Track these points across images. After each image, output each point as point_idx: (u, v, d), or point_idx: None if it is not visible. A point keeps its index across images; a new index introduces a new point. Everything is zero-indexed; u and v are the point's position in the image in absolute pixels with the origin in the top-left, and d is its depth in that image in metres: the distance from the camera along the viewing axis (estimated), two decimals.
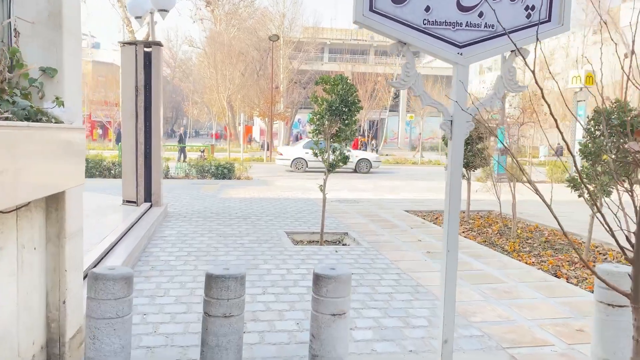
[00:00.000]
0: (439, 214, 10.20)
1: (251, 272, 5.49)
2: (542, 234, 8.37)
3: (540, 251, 7.10)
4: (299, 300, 4.63)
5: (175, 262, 5.78)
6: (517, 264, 6.34)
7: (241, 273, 2.65)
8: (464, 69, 3.03)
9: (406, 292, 5.00)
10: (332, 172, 7.10)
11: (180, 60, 68.02)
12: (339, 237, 7.84)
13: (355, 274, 5.58)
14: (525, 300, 4.89)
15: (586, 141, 6.46)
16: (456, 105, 3.01)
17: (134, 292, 4.53)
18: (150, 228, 7.09)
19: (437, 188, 15.43)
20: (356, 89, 7.00)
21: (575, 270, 6.14)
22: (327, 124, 6.93)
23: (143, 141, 8.64)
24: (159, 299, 4.52)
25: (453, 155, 3.06)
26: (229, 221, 8.50)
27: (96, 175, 15.80)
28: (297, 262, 6.02)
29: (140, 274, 5.26)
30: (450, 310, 3.15)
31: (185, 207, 9.87)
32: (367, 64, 46.70)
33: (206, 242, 6.88)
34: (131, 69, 8.51)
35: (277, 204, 10.84)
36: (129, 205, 8.60)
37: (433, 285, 5.25)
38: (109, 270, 2.47)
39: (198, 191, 12.74)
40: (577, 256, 6.82)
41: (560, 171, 18.57)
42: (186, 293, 4.71)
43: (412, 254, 6.64)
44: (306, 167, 20.78)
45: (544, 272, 5.96)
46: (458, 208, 3.11)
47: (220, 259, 6.01)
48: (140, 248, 6.17)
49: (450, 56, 3.01)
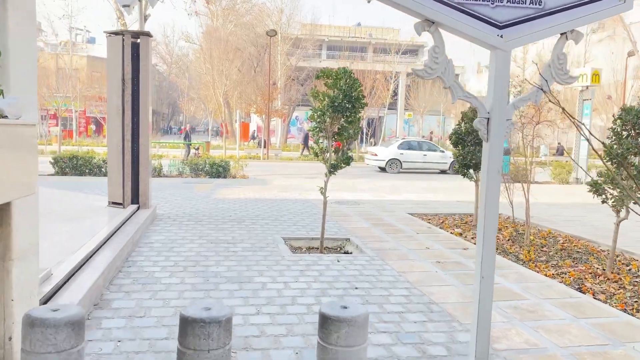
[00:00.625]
0: (444, 217, 9.65)
1: (244, 286, 4.93)
2: (557, 241, 7.83)
3: (558, 261, 6.55)
4: (298, 323, 4.06)
5: (160, 274, 5.21)
6: (536, 276, 5.79)
7: (226, 315, 2.05)
8: (504, 55, 2.47)
9: (418, 312, 4.44)
10: (333, 174, 6.53)
11: (177, 56, 67.32)
12: (340, 243, 7.28)
13: (361, 288, 5.03)
14: (552, 321, 4.34)
15: (611, 142, 5.92)
16: (495, 100, 2.44)
17: (109, 312, 3.97)
18: (136, 233, 6.51)
19: (439, 189, 14.89)
20: (360, 83, 6.43)
21: (600, 284, 5.60)
22: (328, 121, 6.36)
23: (130, 138, 8.05)
24: (138, 320, 3.95)
25: (490, 161, 2.49)
26: (222, 225, 7.92)
27: (86, 173, 15.18)
28: (296, 273, 5.45)
29: (120, 289, 4.68)
30: (483, 348, 2.59)
31: (175, 209, 9.28)
32: (366, 62, 46.07)
33: (196, 249, 6.30)
34: (118, 60, 7.91)
35: (274, 205, 10.27)
36: (114, 207, 8.01)
37: (447, 303, 4.70)
38: (52, 312, 1.89)
39: (191, 191, 12.15)
40: (599, 267, 6.29)
41: (565, 172, 18.07)
42: (169, 313, 4.14)
43: (421, 264, 6.08)
44: (400, 168, 20.44)
45: (566, 287, 5.41)
46: (495, 227, 2.55)
47: (211, 270, 5.44)
48: (122, 257, 5.59)
49: (488, 39, 2.44)
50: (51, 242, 5.60)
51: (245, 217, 8.76)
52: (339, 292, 4.89)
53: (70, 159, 15.19)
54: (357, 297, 4.73)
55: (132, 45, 7.99)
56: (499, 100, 2.46)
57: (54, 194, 10.01)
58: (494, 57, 2.47)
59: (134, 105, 8.02)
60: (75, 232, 6.13)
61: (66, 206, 8.37)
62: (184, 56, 63.48)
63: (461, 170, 8.76)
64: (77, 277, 4.45)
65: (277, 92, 36.72)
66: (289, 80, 40.82)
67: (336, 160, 6.45)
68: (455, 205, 11.24)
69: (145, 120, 8.09)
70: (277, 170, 20.41)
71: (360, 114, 6.44)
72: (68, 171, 15.13)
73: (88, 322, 3.87)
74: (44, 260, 4.74)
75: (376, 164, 21.60)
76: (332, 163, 6.45)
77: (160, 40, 66.49)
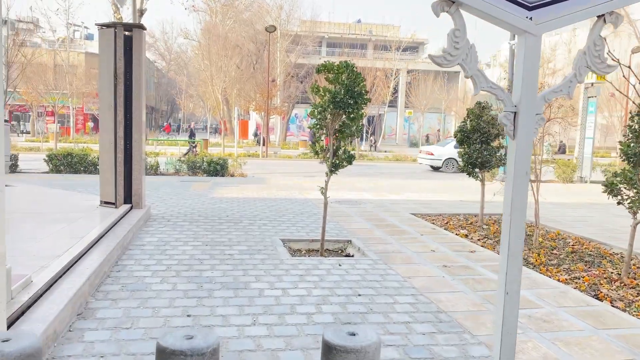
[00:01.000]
0: (448, 217, 9.35)
1: (240, 293, 4.62)
2: (567, 243, 7.53)
3: (570, 265, 6.25)
4: (297, 335, 3.75)
5: (150, 280, 4.89)
6: (548, 281, 5.48)
7: (211, 345, 1.71)
8: (534, 40, 2.15)
9: (426, 322, 4.13)
10: (334, 174, 6.22)
11: (176, 53, 66.95)
12: (341, 245, 6.97)
13: (364, 295, 4.72)
14: (571, 333, 4.04)
15: (628, 140, 5.61)
16: (524, 92, 2.13)
17: (93, 323, 3.66)
18: (127, 235, 6.20)
19: (442, 188, 14.59)
20: (363, 78, 6.11)
21: (617, 290, 5.30)
22: (329, 117, 6.05)
23: (123, 135, 7.73)
24: (124, 332, 3.64)
25: (517, 161, 2.18)
26: (219, 226, 7.61)
27: (81, 171, 14.85)
28: (295, 279, 5.14)
29: (107, 296, 4.37)
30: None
31: (170, 209, 8.97)
32: (366, 59, 45.71)
33: (190, 252, 5.99)
34: (110, 54, 7.59)
35: (272, 205, 9.96)
36: (106, 207, 7.70)
37: (457, 312, 4.40)
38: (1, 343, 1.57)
39: (187, 190, 11.84)
40: (613, 271, 5.99)
41: (569, 170, 17.76)
42: (158, 324, 3.83)
43: (427, 268, 5.78)
44: (456, 168, 20.21)
45: (581, 293, 5.11)
46: (522, 236, 2.24)
47: (205, 275, 5.13)
48: (111, 261, 5.28)
49: (515, 21, 2.13)
50: (36, 245, 5.29)
51: (242, 217, 8.45)
52: (341, 299, 4.59)
53: (65, 156, 14.86)
54: (361, 305, 4.43)
55: (125, 39, 7.67)
56: (528, 92, 2.15)
57: (45, 193, 9.70)
58: (523, 43, 2.15)
59: (127, 101, 7.70)
60: (63, 235, 5.82)
61: (56, 206, 8.06)
62: (182, 53, 63.13)
63: (467, 169, 8.44)
64: (60, 284, 4.14)
65: (276, 89, 36.38)
66: (288, 77, 40.49)
67: (338, 159, 6.14)
68: (458, 205, 10.94)
69: (138, 116, 7.77)
70: (276, 168, 20.11)
71: (363, 110, 6.13)
72: (63, 169, 14.80)
73: (69, 334, 3.56)
74: (26, 265, 4.44)
75: (431, 163, 21.40)
76: (334, 162, 6.14)
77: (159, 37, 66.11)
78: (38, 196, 9.21)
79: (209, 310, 4.14)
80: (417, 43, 56.31)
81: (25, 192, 9.73)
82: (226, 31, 38.56)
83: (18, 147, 24.84)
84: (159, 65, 73.12)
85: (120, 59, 7.61)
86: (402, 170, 21.78)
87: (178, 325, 3.82)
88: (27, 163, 17.00)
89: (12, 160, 14.69)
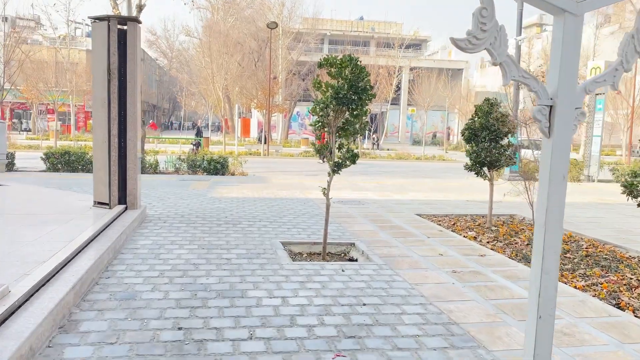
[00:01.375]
0: (455, 218, 9.03)
1: (237, 302, 4.31)
2: (580, 246, 7.20)
3: (585, 269, 5.93)
4: (298, 350, 3.44)
5: (141, 287, 4.59)
6: (565, 288, 5.16)
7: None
8: (575, 21, 1.83)
9: (437, 335, 3.82)
10: (337, 173, 5.91)
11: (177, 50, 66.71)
12: (344, 248, 6.66)
13: (370, 304, 4.41)
14: (594, 348, 3.72)
15: None
16: (561, 82, 1.81)
17: (75, 337, 3.36)
18: (119, 238, 5.89)
19: (446, 187, 14.26)
20: (368, 72, 5.79)
21: (638, 297, 4.97)
22: (332, 114, 5.73)
23: (117, 133, 7.42)
24: (108, 348, 3.33)
25: (553, 162, 1.86)
26: (217, 227, 7.30)
27: (79, 169, 14.58)
28: (296, 285, 4.83)
29: (93, 306, 4.07)
30: None
31: (167, 209, 8.67)
32: (369, 56, 45.37)
33: (185, 256, 5.68)
34: (103, 48, 7.28)
35: (273, 205, 9.65)
36: (100, 208, 7.40)
37: (469, 323, 4.08)
38: None
39: (186, 189, 11.54)
40: (632, 277, 5.66)
41: (576, 169, 17.42)
42: (146, 338, 3.52)
43: (435, 274, 5.46)
44: None
45: (601, 302, 4.79)
46: (558, 249, 1.92)
47: (200, 282, 4.82)
48: (101, 266, 4.98)
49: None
50: (21, 250, 4.99)
51: (242, 218, 8.14)
52: (345, 309, 4.27)
53: (62, 154, 14.58)
54: (366, 316, 4.11)
55: (119, 32, 7.35)
56: (566, 83, 1.83)
57: (38, 193, 9.41)
58: (561, 24, 1.84)
59: (121, 98, 7.39)
60: (52, 238, 5.52)
61: (48, 207, 7.76)
62: (184, 50, 62.88)
63: (475, 168, 8.12)
64: (41, 294, 3.83)
65: (278, 87, 36.06)
66: (290, 75, 40.17)
67: (341, 158, 5.83)
68: (465, 205, 10.62)
69: (133, 113, 7.46)
70: (278, 167, 19.81)
71: (368, 106, 5.81)
72: (60, 167, 14.53)
73: (47, 350, 3.26)
74: (6, 273, 4.14)
75: None
76: (337, 161, 5.82)
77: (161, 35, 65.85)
78: (31, 195, 8.92)
79: (201, 322, 3.84)
80: (420, 40, 55.92)
81: (19, 191, 9.44)
82: (228, 28, 38.25)
83: (17, 145, 24.61)
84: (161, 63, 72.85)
85: (114, 54, 7.30)
86: (405, 168, 21.46)
87: (168, 340, 3.51)
88: (24, 161, 16.75)
89: (9, 159, 14.42)
